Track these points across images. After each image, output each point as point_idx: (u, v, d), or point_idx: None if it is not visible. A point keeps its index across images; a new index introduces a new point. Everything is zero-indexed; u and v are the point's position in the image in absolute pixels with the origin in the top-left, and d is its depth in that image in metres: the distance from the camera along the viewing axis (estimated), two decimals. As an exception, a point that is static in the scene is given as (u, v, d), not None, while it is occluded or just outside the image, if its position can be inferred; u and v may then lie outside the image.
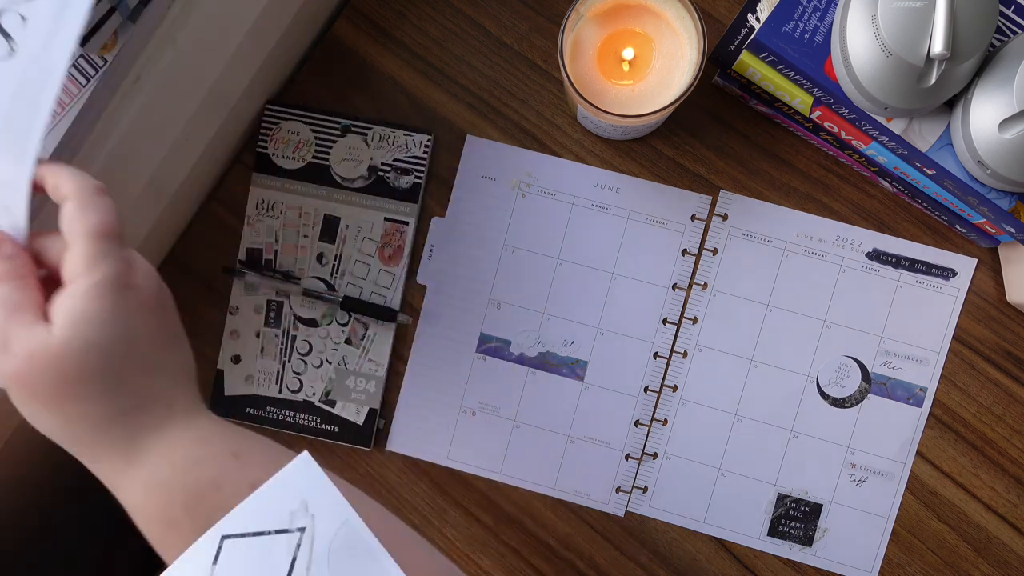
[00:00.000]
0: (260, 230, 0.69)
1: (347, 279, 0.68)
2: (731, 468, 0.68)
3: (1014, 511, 0.66)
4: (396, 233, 0.68)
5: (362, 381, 0.68)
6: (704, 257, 0.68)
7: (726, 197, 0.68)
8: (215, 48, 0.58)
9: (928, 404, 0.67)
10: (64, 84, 0.52)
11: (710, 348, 0.68)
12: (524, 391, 0.68)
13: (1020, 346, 0.67)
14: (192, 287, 0.69)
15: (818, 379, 0.68)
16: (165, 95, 0.56)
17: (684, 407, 0.68)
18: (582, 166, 0.68)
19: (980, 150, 0.55)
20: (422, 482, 0.68)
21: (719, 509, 0.67)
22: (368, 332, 0.68)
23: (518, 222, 0.68)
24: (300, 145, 0.69)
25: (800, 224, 0.68)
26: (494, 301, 0.69)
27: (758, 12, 0.60)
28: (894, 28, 0.52)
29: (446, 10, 0.69)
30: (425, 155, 0.68)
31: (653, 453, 0.68)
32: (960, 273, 0.67)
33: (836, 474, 0.67)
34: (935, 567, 0.66)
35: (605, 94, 0.60)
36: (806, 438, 0.67)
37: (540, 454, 0.68)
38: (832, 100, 0.59)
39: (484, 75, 0.69)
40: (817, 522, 0.67)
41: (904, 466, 0.67)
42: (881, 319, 0.67)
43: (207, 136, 0.63)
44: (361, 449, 0.68)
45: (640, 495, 0.68)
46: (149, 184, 0.59)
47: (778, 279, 0.68)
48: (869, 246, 0.68)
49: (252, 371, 0.68)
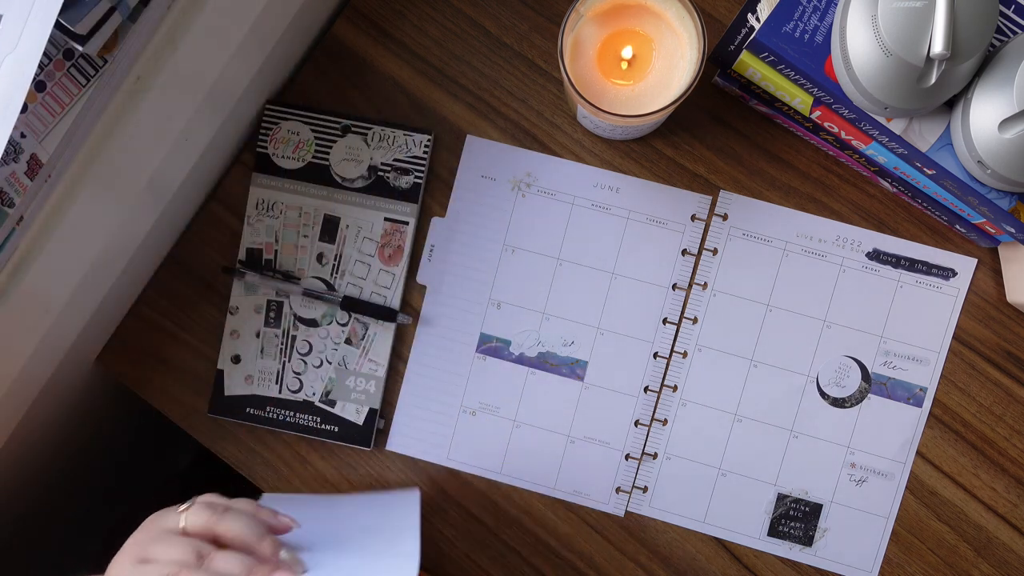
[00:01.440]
0: (260, 230, 0.69)
1: (347, 279, 0.68)
2: (731, 468, 0.68)
3: (1014, 511, 0.66)
4: (396, 233, 0.68)
5: (362, 381, 0.68)
6: (704, 257, 0.68)
7: (726, 197, 0.68)
8: (215, 48, 0.58)
9: (928, 404, 0.67)
10: (64, 84, 0.52)
11: (710, 348, 0.68)
12: (524, 391, 0.68)
13: (1020, 346, 0.67)
14: (192, 287, 0.69)
15: (818, 379, 0.68)
16: (165, 95, 0.56)
17: (684, 407, 0.68)
18: (582, 166, 0.68)
19: (980, 150, 0.55)
20: (422, 482, 0.68)
21: (719, 509, 0.67)
22: (368, 332, 0.68)
23: (518, 222, 0.68)
24: (300, 145, 0.69)
25: (800, 224, 0.68)
26: (494, 301, 0.69)
27: (758, 12, 0.60)
28: (894, 28, 0.52)
29: (446, 10, 0.69)
30: (425, 155, 0.68)
31: (653, 453, 0.68)
32: (960, 273, 0.67)
33: (836, 474, 0.67)
34: (935, 567, 0.66)
35: (605, 94, 0.60)
36: (806, 438, 0.67)
37: (540, 454, 0.68)
38: (832, 100, 0.59)
39: (484, 75, 0.69)
40: (817, 522, 0.67)
41: (904, 466, 0.67)
42: (881, 319, 0.67)
43: (207, 136, 0.63)
44: (361, 449, 0.68)
45: (640, 495, 0.68)
46: (149, 184, 0.59)
47: (778, 279, 0.68)
48: (869, 246, 0.68)
49: (252, 371, 0.68)
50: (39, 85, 0.52)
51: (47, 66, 0.52)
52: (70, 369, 0.66)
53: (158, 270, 0.70)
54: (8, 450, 0.63)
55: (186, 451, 1.10)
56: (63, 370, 0.64)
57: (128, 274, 0.65)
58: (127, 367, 0.70)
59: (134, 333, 0.70)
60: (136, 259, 0.64)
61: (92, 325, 0.64)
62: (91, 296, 0.62)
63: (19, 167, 0.52)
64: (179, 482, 1.10)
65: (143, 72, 0.54)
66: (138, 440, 0.98)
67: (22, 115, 0.52)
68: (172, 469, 1.10)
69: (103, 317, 0.66)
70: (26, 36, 0.44)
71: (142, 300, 0.70)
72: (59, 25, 0.46)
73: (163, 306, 0.70)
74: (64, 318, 0.59)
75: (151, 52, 0.54)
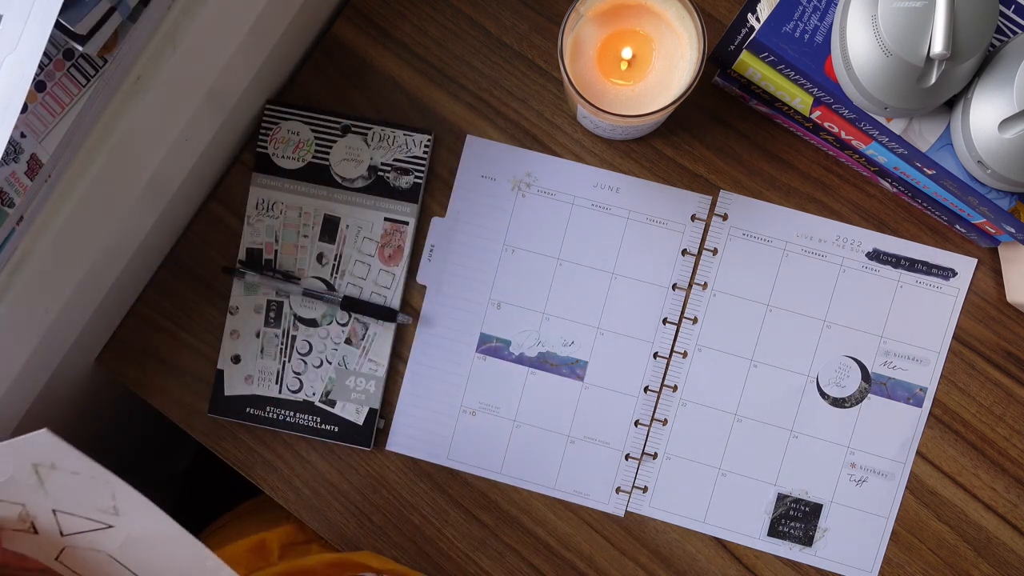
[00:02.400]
0: (260, 230, 0.69)
1: (347, 279, 0.68)
2: (731, 468, 0.68)
3: (1014, 511, 0.66)
4: (396, 233, 0.68)
5: (362, 381, 0.68)
6: (704, 257, 0.68)
7: (726, 197, 0.68)
8: (215, 48, 0.58)
9: (928, 404, 0.67)
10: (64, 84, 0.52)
11: (710, 348, 0.68)
12: (524, 391, 0.68)
13: (1020, 346, 0.67)
14: (192, 287, 0.69)
15: (818, 379, 0.68)
16: (165, 95, 0.56)
17: (684, 407, 0.68)
18: (582, 166, 0.68)
19: (980, 150, 0.55)
20: (422, 482, 0.68)
21: (719, 509, 0.67)
22: (368, 332, 0.68)
23: (518, 222, 0.68)
24: (300, 145, 0.69)
25: (800, 224, 0.68)
26: (494, 301, 0.69)
27: (758, 12, 0.60)
28: (894, 28, 0.52)
29: (446, 10, 0.69)
30: (425, 155, 0.68)
31: (653, 453, 0.68)
32: (960, 273, 0.67)
33: (836, 474, 0.67)
34: (935, 567, 0.66)
35: (605, 94, 0.60)
36: (806, 438, 0.67)
37: (540, 454, 0.68)
38: (832, 100, 0.59)
39: (484, 75, 0.69)
40: (817, 522, 0.67)
41: (904, 466, 0.67)
42: (881, 319, 0.67)
43: (207, 136, 0.63)
44: (361, 449, 0.68)
45: (640, 495, 0.68)
46: (149, 184, 0.59)
47: (778, 279, 0.68)
48: (869, 246, 0.68)
49: (252, 371, 0.68)
50: (39, 85, 0.52)
51: (47, 66, 0.52)
52: (70, 369, 0.66)
53: (158, 270, 0.70)
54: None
55: (186, 451, 1.10)
56: (63, 370, 0.64)
57: (128, 274, 0.65)
58: (127, 367, 0.70)
59: (134, 333, 0.70)
60: (136, 259, 0.64)
61: (92, 325, 0.64)
62: (91, 296, 0.62)
63: (19, 167, 0.52)
64: (179, 482, 1.10)
65: (143, 72, 0.54)
66: (138, 440, 0.98)
67: (22, 115, 0.52)
68: (172, 469, 1.10)
69: (103, 317, 0.66)
70: (26, 36, 0.44)
71: (142, 300, 0.70)
72: (59, 25, 0.46)
73: (163, 306, 0.70)
74: (64, 318, 0.59)
75: (151, 52, 0.54)
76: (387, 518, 0.68)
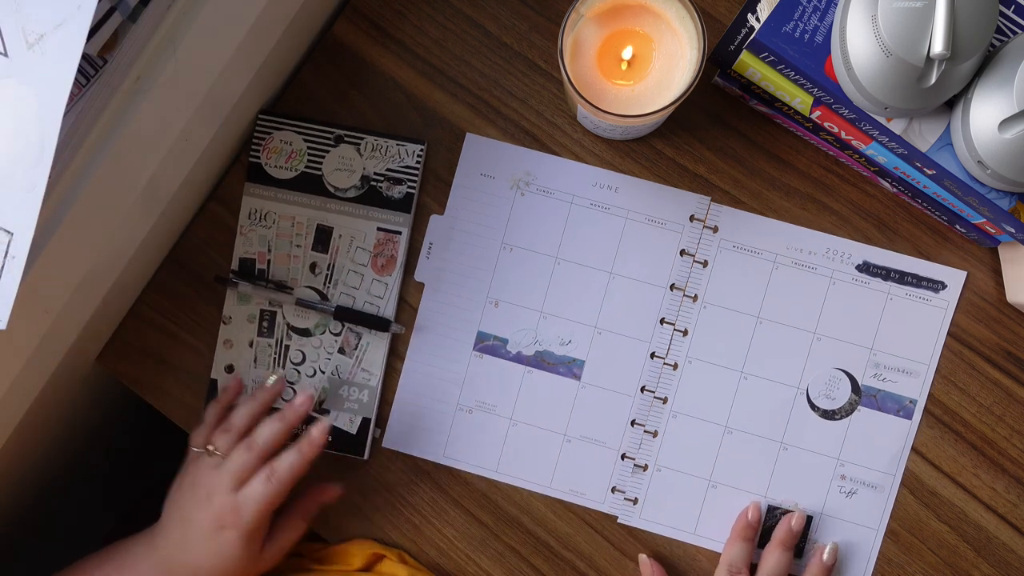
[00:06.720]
0: (253, 240, 0.69)
1: (340, 289, 0.68)
2: (721, 480, 0.67)
3: (1014, 511, 0.66)
4: (389, 243, 0.68)
5: (355, 391, 0.68)
6: (695, 269, 0.68)
7: (716, 209, 0.68)
8: (215, 48, 0.58)
9: (918, 416, 0.67)
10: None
11: (700, 360, 0.68)
12: (521, 390, 0.68)
13: (1020, 346, 0.67)
14: (192, 287, 0.69)
15: (808, 391, 0.67)
16: (165, 95, 0.56)
17: (674, 419, 0.68)
18: (581, 165, 0.68)
19: (980, 150, 0.55)
20: (422, 482, 0.68)
21: (709, 520, 0.67)
22: (361, 342, 0.68)
23: (517, 220, 0.68)
24: (293, 155, 0.68)
25: (790, 236, 0.68)
26: (492, 299, 0.69)
27: (758, 12, 0.60)
28: (894, 28, 0.52)
29: (446, 10, 0.69)
30: (418, 165, 0.68)
31: (644, 465, 0.68)
32: (950, 286, 0.67)
33: (826, 486, 0.67)
34: (935, 567, 0.66)
35: (605, 94, 0.60)
36: (796, 450, 0.67)
37: (536, 453, 0.68)
38: (832, 100, 0.59)
39: (484, 75, 0.69)
40: (807, 534, 0.67)
41: (894, 478, 0.67)
42: (871, 331, 0.67)
43: (207, 136, 0.63)
44: (356, 459, 0.68)
45: (630, 507, 0.68)
46: (149, 184, 0.59)
47: (768, 291, 0.68)
48: (859, 258, 0.67)
49: (246, 381, 0.68)
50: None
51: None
52: (70, 369, 0.66)
53: (158, 270, 0.70)
54: (8, 449, 0.63)
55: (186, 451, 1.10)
56: (63, 370, 0.64)
57: (128, 274, 0.65)
58: (127, 367, 0.70)
59: (134, 333, 0.70)
60: (136, 259, 0.64)
61: (92, 325, 0.64)
62: (91, 296, 0.62)
63: (19, 167, 0.52)
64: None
65: (143, 72, 0.54)
66: (138, 440, 0.98)
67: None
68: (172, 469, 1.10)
69: (103, 317, 0.66)
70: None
71: (142, 300, 0.70)
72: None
73: (163, 306, 0.70)
74: (64, 318, 0.59)
75: (151, 52, 0.54)
76: (387, 518, 0.68)
